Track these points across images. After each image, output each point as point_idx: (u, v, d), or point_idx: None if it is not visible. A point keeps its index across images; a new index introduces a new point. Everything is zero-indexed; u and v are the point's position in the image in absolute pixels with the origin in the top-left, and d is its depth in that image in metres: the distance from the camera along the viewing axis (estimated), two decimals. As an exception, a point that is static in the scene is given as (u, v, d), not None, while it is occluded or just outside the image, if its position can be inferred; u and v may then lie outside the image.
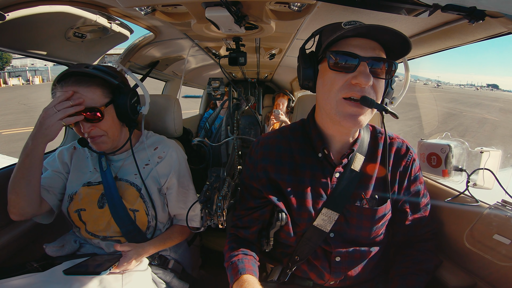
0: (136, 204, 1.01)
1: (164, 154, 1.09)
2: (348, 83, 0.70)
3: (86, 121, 0.91)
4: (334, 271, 0.83)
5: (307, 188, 0.82)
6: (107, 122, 0.95)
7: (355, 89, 0.69)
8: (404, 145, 0.87)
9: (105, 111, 0.93)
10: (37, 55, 1.20)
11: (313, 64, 0.78)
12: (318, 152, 0.83)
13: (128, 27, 1.33)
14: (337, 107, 0.72)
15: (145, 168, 1.06)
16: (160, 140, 1.14)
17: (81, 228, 1.02)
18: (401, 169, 0.84)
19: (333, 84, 0.72)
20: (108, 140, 0.97)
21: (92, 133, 0.93)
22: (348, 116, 0.71)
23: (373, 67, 0.70)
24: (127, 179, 1.04)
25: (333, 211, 0.80)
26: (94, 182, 1.04)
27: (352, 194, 0.81)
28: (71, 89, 0.88)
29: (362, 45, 0.70)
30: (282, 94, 3.08)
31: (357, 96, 0.69)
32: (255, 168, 0.87)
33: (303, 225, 0.83)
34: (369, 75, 0.68)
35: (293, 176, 0.83)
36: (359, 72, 0.68)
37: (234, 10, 0.83)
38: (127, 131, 1.05)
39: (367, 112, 0.71)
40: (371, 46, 0.71)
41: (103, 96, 0.94)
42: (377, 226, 0.81)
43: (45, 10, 0.95)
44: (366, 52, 0.69)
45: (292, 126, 0.93)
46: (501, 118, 15.57)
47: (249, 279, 0.77)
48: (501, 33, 0.85)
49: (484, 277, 0.84)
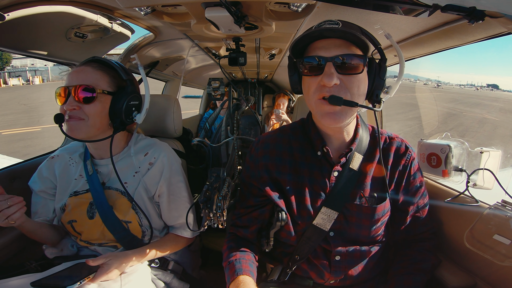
0: (128, 215, 0.97)
1: (155, 160, 1.01)
2: (319, 85, 0.73)
3: (74, 97, 0.86)
4: (334, 270, 0.83)
5: (306, 186, 0.83)
6: (95, 108, 0.87)
7: (324, 90, 0.72)
8: (403, 144, 0.87)
9: (99, 95, 0.88)
10: (38, 55, 1.20)
11: (297, 71, 0.81)
12: (317, 151, 0.84)
13: (129, 27, 1.33)
14: (316, 108, 0.76)
15: (135, 176, 0.99)
16: (151, 144, 1.06)
17: (77, 238, 1.01)
18: (400, 168, 0.85)
19: (309, 88, 0.76)
20: (84, 128, 0.87)
21: (73, 113, 0.86)
22: (325, 114, 0.74)
23: (341, 64, 0.71)
24: (117, 187, 0.98)
25: (332, 209, 0.81)
26: (80, 191, 0.99)
27: (351, 193, 0.82)
28: (82, 67, 0.91)
29: (327, 46, 0.73)
30: (282, 94, 3.08)
31: (326, 96, 0.72)
32: (256, 166, 0.88)
33: (303, 224, 0.83)
34: (332, 74, 0.70)
35: (293, 174, 0.84)
36: (325, 73, 0.71)
37: (234, 10, 0.83)
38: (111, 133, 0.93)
39: (343, 110, 0.73)
40: (336, 44, 0.72)
41: (106, 84, 0.92)
42: (376, 225, 0.82)
43: (46, 10, 0.95)
44: (330, 52, 0.71)
45: (292, 125, 0.94)
46: (501, 118, 15.57)
47: (246, 280, 0.77)
48: (501, 33, 0.84)
49: (484, 277, 0.84)
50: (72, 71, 0.91)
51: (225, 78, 1.67)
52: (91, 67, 0.92)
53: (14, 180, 1.25)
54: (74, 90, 0.86)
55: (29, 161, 1.39)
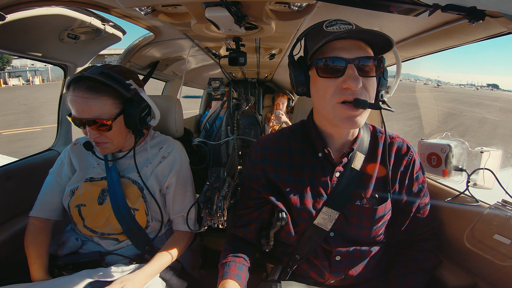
0: (137, 203, 1.02)
1: (168, 154, 1.09)
2: (340, 88, 0.70)
3: (92, 129, 0.91)
4: (334, 270, 0.83)
5: (307, 187, 0.82)
6: (114, 132, 0.95)
7: (346, 92, 0.69)
8: (404, 144, 0.87)
9: (113, 122, 0.92)
10: (32, 56, 1.21)
11: (304, 70, 0.78)
12: (318, 152, 0.83)
13: (121, 29, 1.35)
14: (333, 112, 0.72)
15: (148, 167, 1.07)
16: (165, 140, 1.15)
17: (79, 224, 1.02)
18: (402, 169, 0.84)
19: (325, 91, 0.72)
20: (112, 147, 0.99)
21: (98, 139, 0.94)
22: (345, 119, 0.72)
23: (362, 66, 0.69)
24: (129, 176, 1.05)
25: (333, 209, 0.80)
26: (96, 178, 1.04)
27: (352, 193, 0.81)
28: (82, 96, 0.87)
29: (347, 47, 0.70)
30: (282, 94, 3.08)
31: (350, 99, 0.69)
32: (254, 169, 0.88)
33: (304, 225, 0.83)
34: (358, 77, 0.68)
35: (293, 176, 0.84)
36: (348, 76, 0.68)
37: (234, 10, 0.83)
38: (133, 136, 1.05)
39: (363, 113, 0.72)
40: (356, 46, 0.70)
41: (113, 107, 0.92)
42: (377, 226, 0.82)
43: (43, 13, 0.96)
44: (352, 53, 0.69)
45: (292, 127, 0.93)
46: (501, 118, 15.57)
47: (229, 285, 0.77)
48: (501, 33, 0.85)
49: (484, 277, 0.84)
50: (74, 99, 0.88)
51: (225, 78, 1.68)
52: (91, 94, 0.87)
53: (8, 180, 1.25)
54: (88, 123, 0.90)
55: (24, 160, 1.40)
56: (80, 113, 0.88)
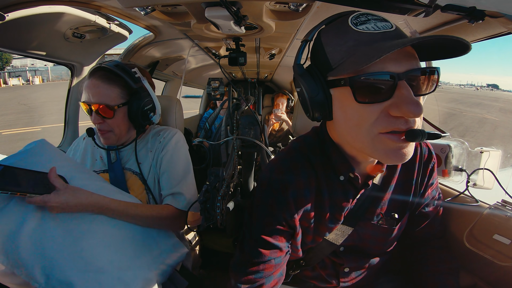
0: (141, 195, 1.03)
1: (164, 139, 1.10)
2: (385, 115, 0.50)
3: (96, 113, 0.96)
4: (343, 281, 0.80)
5: (326, 215, 0.70)
6: (116, 121, 0.99)
7: (398, 122, 0.50)
8: (427, 149, 0.76)
9: (117, 110, 0.98)
10: (36, 55, 1.20)
11: (323, 87, 0.56)
12: (340, 175, 0.67)
13: (127, 27, 1.33)
14: (373, 144, 0.53)
15: (148, 155, 1.08)
16: (165, 128, 1.16)
17: None
18: (425, 180, 0.76)
19: (362, 120, 0.52)
20: (113, 137, 1.02)
21: (99, 127, 0.99)
22: (392, 152, 0.52)
23: (415, 82, 0.50)
24: (130, 167, 1.06)
25: (347, 226, 0.73)
26: (99, 171, 1.06)
27: (368, 210, 0.72)
28: (95, 82, 0.96)
29: (396, 57, 0.48)
30: (281, 94, 3.08)
31: (402, 129, 0.50)
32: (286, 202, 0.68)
33: (314, 244, 0.76)
34: (417, 101, 0.47)
35: (312, 203, 0.70)
36: (401, 99, 0.48)
37: (234, 10, 0.83)
38: (135, 131, 1.08)
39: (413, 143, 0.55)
40: (405, 53, 0.49)
41: (119, 97, 0.98)
42: (391, 241, 0.77)
43: (45, 11, 0.95)
44: (401, 65, 0.48)
45: (307, 141, 0.73)
46: (501, 118, 15.56)
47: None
48: (501, 33, 0.85)
49: (484, 277, 0.84)
50: (88, 84, 0.97)
51: (225, 78, 1.67)
52: (102, 82, 0.96)
53: None
54: (94, 107, 0.96)
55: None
56: (90, 97, 0.96)
